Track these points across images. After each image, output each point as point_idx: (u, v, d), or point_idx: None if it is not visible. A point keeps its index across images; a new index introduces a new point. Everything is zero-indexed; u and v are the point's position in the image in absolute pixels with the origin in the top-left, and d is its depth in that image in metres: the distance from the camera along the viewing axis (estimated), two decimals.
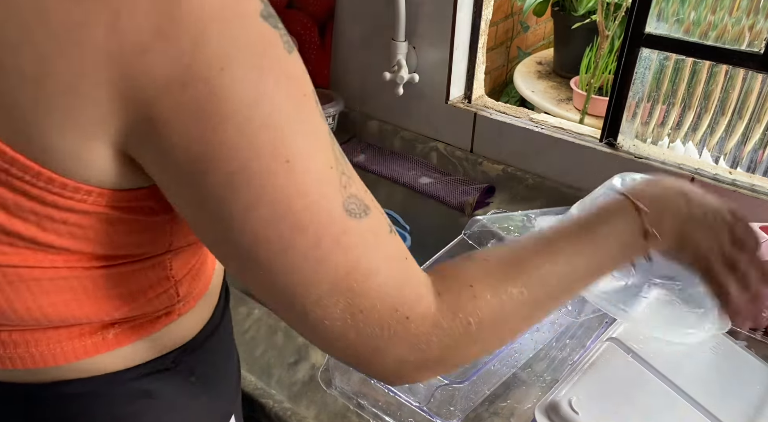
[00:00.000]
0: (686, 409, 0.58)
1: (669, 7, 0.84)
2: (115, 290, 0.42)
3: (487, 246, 0.76)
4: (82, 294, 0.41)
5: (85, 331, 0.43)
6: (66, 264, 0.39)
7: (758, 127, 0.84)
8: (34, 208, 0.35)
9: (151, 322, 0.46)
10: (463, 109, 1.09)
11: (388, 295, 0.37)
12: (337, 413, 0.66)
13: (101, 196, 0.36)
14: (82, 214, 0.36)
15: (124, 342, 0.45)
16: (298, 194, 0.34)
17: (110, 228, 0.38)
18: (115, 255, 0.40)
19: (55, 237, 0.37)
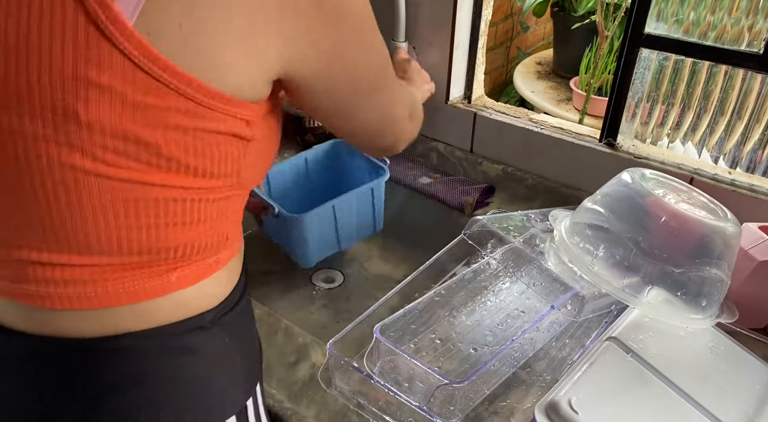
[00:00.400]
0: (686, 409, 0.58)
1: (668, 7, 0.84)
2: (197, 216, 0.50)
3: (487, 246, 0.77)
4: (173, 217, 0.48)
5: (154, 272, 0.50)
6: (176, 183, 0.47)
7: (757, 127, 0.84)
8: (188, 123, 0.44)
9: (204, 269, 0.53)
10: (463, 109, 1.09)
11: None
12: (337, 412, 0.66)
13: (235, 104, 0.46)
14: (217, 126, 0.46)
15: (183, 285, 0.52)
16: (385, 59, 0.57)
17: (221, 140, 0.47)
18: (211, 172, 0.48)
19: (189, 155, 0.46)
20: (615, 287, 0.66)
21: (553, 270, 0.70)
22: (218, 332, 0.55)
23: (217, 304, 0.55)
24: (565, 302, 0.67)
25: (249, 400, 0.58)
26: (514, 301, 0.80)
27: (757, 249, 0.74)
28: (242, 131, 0.49)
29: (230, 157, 0.49)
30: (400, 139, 0.67)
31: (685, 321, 0.66)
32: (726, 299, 0.70)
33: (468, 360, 0.71)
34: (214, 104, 0.45)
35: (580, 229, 0.71)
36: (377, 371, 0.65)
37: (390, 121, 0.63)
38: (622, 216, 0.68)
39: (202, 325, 0.53)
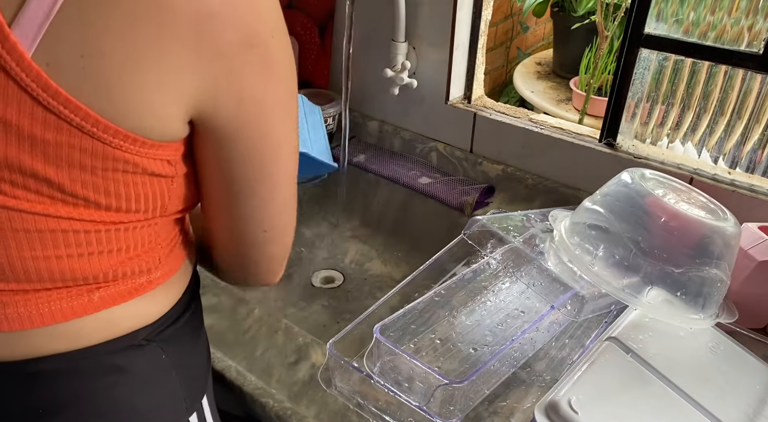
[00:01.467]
0: (686, 409, 0.58)
1: (668, 7, 0.84)
2: (115, 245, 0.47)
3: (487, 246, 0.77)
4: (87, 247, 0.46)
5: (73, 293, 0.47)
6: (85, 217, 0.44)
7: (757, 128, 0.84)
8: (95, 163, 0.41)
9: (132, 289, 0.50)
10: (463, 109, 1.09)
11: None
12: (337, 412, 0.66)
13: (149, 146, 0.43)
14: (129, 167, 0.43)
15: (108, 304, 0.49)
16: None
17: (137, 181, 0.45)
18: (126, 208, 0.46)
19: (98, 194, 0.43)
20: (615, 287, 0.66)
21: (553, 270, 0.70)
22: (154, 349, 0.52)
23: (153, 321, 0.52)
24: (565, 302, 0.67)
25: (193, 416, 0.55)
26: (514, 301, 0.80)
27: (757, 249, 0.74)
28: (162, 170, 0.46)
29: (150, 195, 0.46)
30: (278, 264, 0.59)
31: (685, 321, 0.66)
32: (726, 299, 0.70)
33: (468, 360, 0.71)
34: (123, 145, 0.41)
35: (580, 229, 0.71)
36: (377, 371, 0.65)
37: (282, 223, 0.55)
38: (621, 217, 0.68)
39: (134, 343, 0.50)
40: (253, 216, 0.52)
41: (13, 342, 0.46)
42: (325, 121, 1.17)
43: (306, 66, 1.27)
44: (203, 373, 0.60)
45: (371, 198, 1.16)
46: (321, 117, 1.03)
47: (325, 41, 1.23)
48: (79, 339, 0.48)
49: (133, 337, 0.50)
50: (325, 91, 1.23)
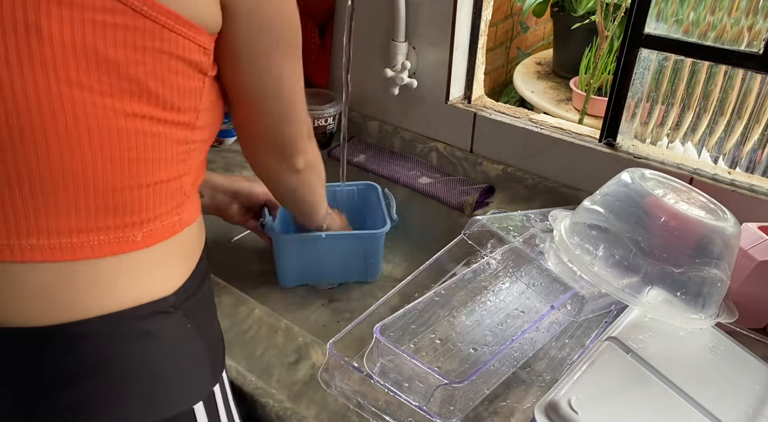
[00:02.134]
0: (686, 409, 0.58)
1: (668, 7, 0.84)
2: (158, 153, 0.51)
3: (487, 246, 0.77)
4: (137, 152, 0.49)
5: (120, 224, 0.51)
6: (140, 111, 0.48)
7: (757, 128, 0.84)
8: (147, 43, 0.46)
9: (167, 229, 0.54)
10: (463, 109, 1.09)
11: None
12: (337, 412, 0.66)
13: (189, 26, 0.48)
14: (173, 48, 0.48)
15: (149, 243, 0.53)
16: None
17: (179, 68, 0.49)
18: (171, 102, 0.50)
19: (149, 77, 0.47)
20: (615, 287, 0.66)
21: (553, 270, 0.70)
22: (180, 317, 0.55)
23: (177, 288, 0.55)
24: (565, 302, 0.67)
25: (216, 386, 0.58)
26: (514, 301, 0.80)
27: (756, 249, 0.74)
28: (200, 59, 0.50)
29: (189, 90, 0.51)
30: (301, 143, 0.67)
31: (685, 321, 0.66)
32: (726, 299, 0.70)
33: (468, 360, 0.71)
34: (171, 24, 0.47)
35: (580, 229, 0.71)
36: (377, 371, 0.65)
37: (296, 107, 0.64)
38: (621, 217, 0.68)
39: (163, 310, 0.53)
40: (270, 88, 0.60)
41: (56, 295, 0.49)
42: (325, 121, 1.17)
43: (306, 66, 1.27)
44: (221, 348, 0.62)
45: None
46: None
47: (325, 41, 1.23)
48: (114, 297, 0.50)
49: (162, 303, 0.53)
50: (325, 91, 1.23)
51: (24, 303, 0.48)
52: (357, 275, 0.99)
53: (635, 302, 0.66)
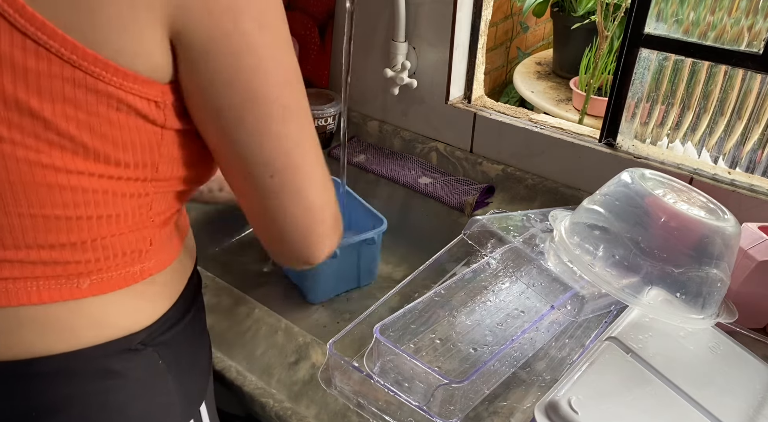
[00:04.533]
0: (686, 409, 0.58)
1: (668, 7, 0.84)
2: (104, 210, 0.46)
3: (487, 246, 0.77)
4: (76, 210, 0.45)
5: (62, 275, 0.46)
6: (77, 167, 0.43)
7: (757, 128, 0.84)
8: (77, 95, 0.41)
9: (122, 278, 0.49)
10: (463, 109, 1.09)
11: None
12: (337, 412, 0.66)
13: (132, 79, 0.42)
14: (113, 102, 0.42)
15: (96, 292, 0.48)
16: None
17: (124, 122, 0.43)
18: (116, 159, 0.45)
19: (84, 133, 0.42)
20: (615, 287, 0.66)
21: (553, 270, 0.70)
22: (150, 354, 0.51)
23: (151, 323, 0.51)
24: (565, 302, 0.67)
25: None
26: (514, 301, 0.80)
27: (756, 249, 0.74)
28: (150, 113, 0.44)
29: (140, 145, 0.45)
30: (316, 234, 0.52)
31: (685, 321, 0.66)
32: (726, 299, 0.70)
33: (468, 360, 0.71)
34: (104, 75, 0.41)
35: (580, 229, 0.71)
36: (377, 371, 0.65)
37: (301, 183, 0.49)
38: (621, 217, 0.68)
39: (130, 347, 0.50)
40: (250, 153, 0.47)
41: (7, 338, 0.46)
42: (325, 121, 1.17)
43: (306, 66, 1.27)
44: (203, 379, 0.59)
45: (371, 198, 1.16)
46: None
47: (325, 41, 1.23)
48: (72, 338, 0.47)
49: (128, 341, 0.50)
50: (325, 91, 1.23)
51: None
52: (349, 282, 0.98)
53: (635, 302, 0.66)
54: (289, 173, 0.49)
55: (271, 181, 0.48)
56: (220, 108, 0.45)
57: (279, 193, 0.49)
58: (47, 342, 0.47)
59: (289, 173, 0.49)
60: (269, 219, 0.51)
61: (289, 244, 0.52)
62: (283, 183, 0.49)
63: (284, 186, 0.49)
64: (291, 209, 0.50)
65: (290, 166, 0.49)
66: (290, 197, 0.50)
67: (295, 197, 0.50)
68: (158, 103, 0.44)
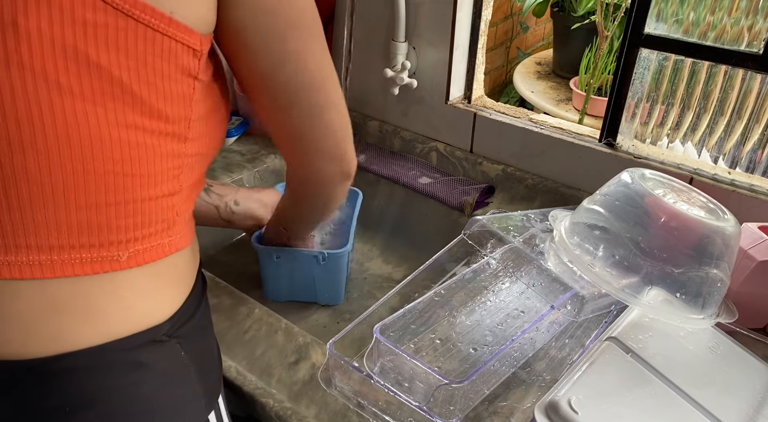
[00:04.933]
0: (686, 409, 0.58)
1: (668, 7, 0.84)
2: (146, 168, 0.48)
3: (487, 246, 0.77)
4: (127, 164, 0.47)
5: (103, 242, 0.48)
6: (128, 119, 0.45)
7: (757, 128, 0.84)
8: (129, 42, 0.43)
9: (155, 250, 0.51)
10: (463, 109, 1.09)
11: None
12: (337, 412, 0.66)
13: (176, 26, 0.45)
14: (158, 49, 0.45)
15: (133, 264, 0.50)
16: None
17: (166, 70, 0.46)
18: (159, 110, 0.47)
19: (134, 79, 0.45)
20: (615, 287, 0.66)
21: (553, 270, 0.70)
22: (174, 345, 0.52)
23: (172, 315, 0.52)
24: (565, 302, 0.67)
25: (211, 414, 0.56)
26: (514, 301, 0.80)
27: (756, 249, 0.74)
28: (188, 62, 0.47)
29: (178, 96, 0.48)
30: (351, 140, 0.62)
31: (685, 321, 0.66)
32: (726, 299, 0.70)
33: (468, 360, 0.71)
34: (156, 23, 0.44)
35: (580, 229, 0.71)
36: (377, 371, 0.65)
37: (339, 93, 0.58)
38: (621, 217, 0.68)
39: (155, 339, 0.51)
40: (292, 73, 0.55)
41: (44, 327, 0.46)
42: None
43: None
44: (217, 372, 0.60)
45: (371, 198, 1.16)
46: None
47: None
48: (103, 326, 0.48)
49: (155, 332, 0.51)
50: None
51: (8, 333, 0.46)
52: (304, 294, 0.95)
53: (635, 302, 0.66)
54: (330, 89, 0.58)
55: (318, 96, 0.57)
56: (267, 40, 0.52)
57: (327, 107, 0.58)
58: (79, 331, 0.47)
59: (330, 89, 0.58)
60: (321, 136, 0.59)
61: (340, 151, 0.62)
62: (331, 99, 0.58)
63: (333, 100, 0.58)
64: (339, 119, 0.59)
65: (330, 86, 0.57)
66: (337, 108, 0.58)
67: (339, 106, 0.59)
68: (195, 52, 0.48)
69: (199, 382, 0.54)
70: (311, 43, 0.55)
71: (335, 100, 0.59)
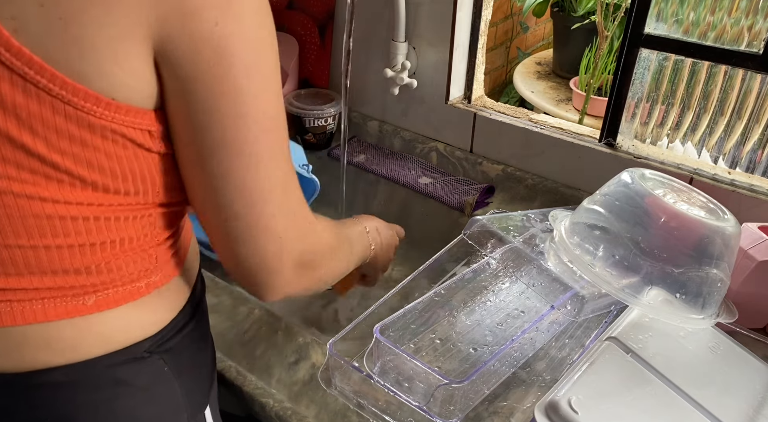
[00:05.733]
0: (686, 409, 0.58)
1: (668, 7, 0.84)
2: (108, 236, 0.46)
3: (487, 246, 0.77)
4: (78, 237, 0.44)
5: (68, 294, 0.46)
6: (77, 199, 0.43)
7: (757, 128, 0.84)
8: (71, 130, 0.40)
9: (128, 293, 0.48)
10: (463, 109, 1.09)
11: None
12: (337, 412, 0.66)
13: (125, 112, 0.41)
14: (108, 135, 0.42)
15: (102, 308, 0.47)
16: None
17: (121, 153, 0.43)
18: (116, 188, 0.44)
19: (80, 167, 0.42)
20: (615, 287, 0.66)
21: (553, 270, 0.70)
22: (156, 361, 0.51)
23: (156, 332, 0.51)
24: (565, 302, 0.67)
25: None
26: (514, 301, 0.80)
27: (756, 249, 0.74)
28: (145, 142, 0.44)
29: (138, 173, 0.45)
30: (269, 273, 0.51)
31: (685, 321, 0.66)
32: (726, 299, 0.70)
33: (468, 360, 0.71)
34: (95, 109, 0.40)
35: (580, 229, 0.71)
36: (377, 371, 0.65)
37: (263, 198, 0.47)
38: (621, 217, 0.68)
39: (136, 356, 0.50)
40: (217, 190, 0.46)
41: (15, 353, 0.46)
42: (325, 121, 1.17)
43: (306, 66, 1.27)
44: (207, 383, 0.59)
45: (371, 198, 1.16)
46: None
47: (325, 41, 1.23)
48: (77, 353, 0.47)
49: (133, 350, 0.50)
50: (325, 91, 1.23)
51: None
52: None
53: (635, 302, 0.66)
54: (252, 213, 0.47)
55: (234, 223, 0.48)
56: (195, 140, 0.44)
57: (243, 231, 0.48)
58: (53, 356, 0.47)
59: (252, 213, 0.47)
60: (230, 245, 0.49)
61: (246, 270, 0.51)
62: (250, 214, 0.48)
63: (248, 227, 0.48)
64: (252, 242, 0.49)
65: (255, 206, 0.47)
66: (253, 233, 0.48)
67: (258, 234, 0.48)
68: (151, 132, 0.44)
69: (183, 395, 0.54)
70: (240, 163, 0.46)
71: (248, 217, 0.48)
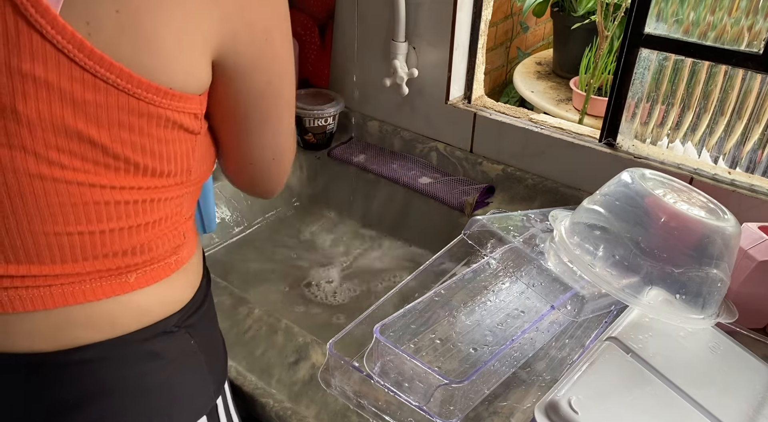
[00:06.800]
0: (686, 409, 0.58)
1: (668, 7, 0.84)
2: (150, 217, 0.49)
3: (487, 246, 0.77)
4: (127, 220, 0.48)
5: (114, 274, 0.49)
6: (126, 184, 0.46)
7: (757, 128, 0.84)
8: (131, 120, 0.43)
9: (163, 269, 0.53)
10: (463, 109, 1.09)
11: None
12: (337, 412, 0.66)
13: (178, 99, 0.45)
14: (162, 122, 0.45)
15: (143, 285, 0.51)
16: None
17: (169, 137, 0.47)
18: (161, 170, 0.48)
19: (136, 153, 0.45)
20: (615, 287, 0.66)
21: (553, 270, 0.70)
22: (183, 335, 0.54)
23: (180, 308, 0.54)
24: (565, 302, 0.67)
25: (219, 399, 0.58)
26: (514, 301, 0.80)
27: (757, 249, 0.74)
28: (191, 125, 0.48)
29: (181, 154, 0.49)
30: (282, 179, 0.65)
31: (685, 321, 0.66)
32: (726, 299, 0.70)
33: (468, 360, 0.71)
34: (155, 99, 0.43)
35: (580, 229, 0.71)
36: (377, 371, 0.65)
37: (286, 146, 0.61)
38: (621, 217, 0.68)
39: (166, 330, 0.53)
40: (265, 145, 0.57)
41: (55, 333, 0.48)
42: (325, 121, 1.17)
43: (306, 66, 1.27)
44: (223, 360, 0.62)
45: (371, 198, 1.16)
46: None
47: (325, 41, 1.23)
48: (115, 328, 0.50)
49: (164, 324, 0.53)
50: (325, 91, 1.23)
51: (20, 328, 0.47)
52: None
53: (635, 302, 0.66)
54: (285, 153, 0.61)
55: (270, 161, 0.60)
56: (247, 113, 0.53)
57: (271, 166, 0.61)
58: (93, 333, 0.49)
59: (285, 153, 0.61)
60: (254, 179, 0.62)
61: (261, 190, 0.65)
62: (279, 160, 0.61)
63: (280, 161, 0.61)
64: (277, 171, 0.62)
65: (288, 146, 0.61)
66: (279, 165, 0.62)
67: (281, 165, 0.62)
68: (197, 115, 0.48)
69: (207, 369, 0.57)
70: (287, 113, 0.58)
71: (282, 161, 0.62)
